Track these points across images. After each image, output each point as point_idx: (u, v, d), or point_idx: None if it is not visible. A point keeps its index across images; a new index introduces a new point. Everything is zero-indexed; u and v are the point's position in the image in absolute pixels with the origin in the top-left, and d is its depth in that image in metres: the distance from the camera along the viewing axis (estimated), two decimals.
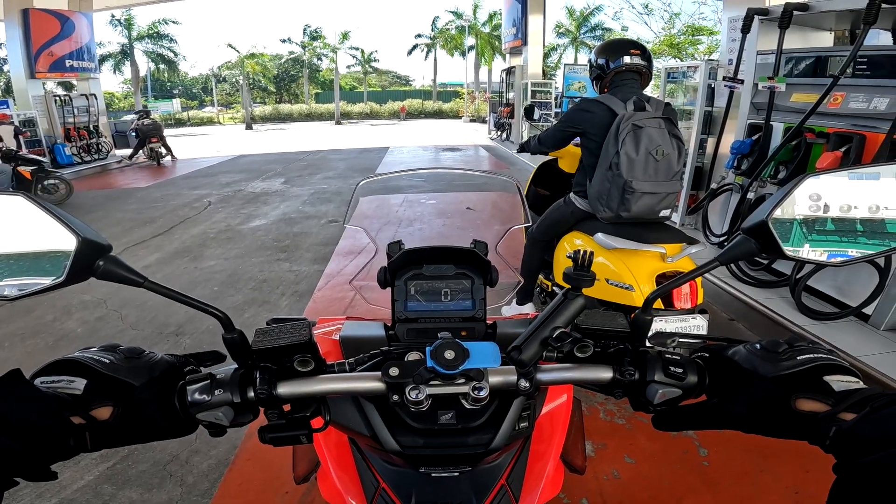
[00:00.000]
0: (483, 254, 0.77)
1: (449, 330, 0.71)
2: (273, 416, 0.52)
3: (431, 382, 0.51)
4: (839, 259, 0.52)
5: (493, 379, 0.53)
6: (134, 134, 12.09)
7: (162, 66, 33.38)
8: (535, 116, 3.35)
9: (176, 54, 32.86)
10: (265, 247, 4.93)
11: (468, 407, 0.54)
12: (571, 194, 2.50)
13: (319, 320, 0.93)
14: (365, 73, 39.38)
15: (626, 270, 2.13)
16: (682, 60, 22.38)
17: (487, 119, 18.51)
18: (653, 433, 2.14)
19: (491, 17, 32.74)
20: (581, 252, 0.56)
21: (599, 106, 2.18)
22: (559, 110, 12.01)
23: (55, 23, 11.30)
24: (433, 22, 36.37)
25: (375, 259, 0.85)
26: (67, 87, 13.88)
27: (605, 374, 0.53)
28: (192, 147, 17.13)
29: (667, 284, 0.56)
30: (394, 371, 0.51)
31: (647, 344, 0.56)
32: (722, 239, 3.79)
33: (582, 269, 0.55)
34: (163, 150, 12.25)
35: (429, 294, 0.76)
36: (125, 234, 5.57)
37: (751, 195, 3.51)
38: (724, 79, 3.94)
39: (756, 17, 3.62)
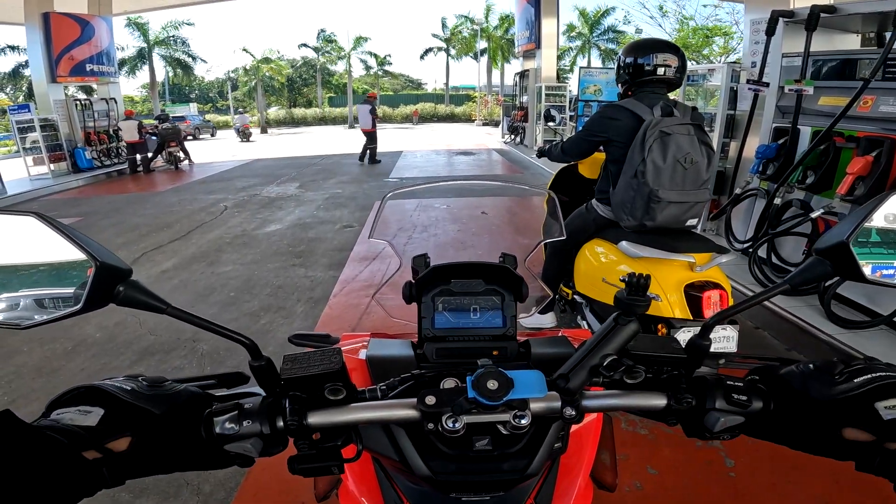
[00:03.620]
0: (513, 268, 0.75)
1: (479, 349, 0.70)
2: (303, 447, 0.50)
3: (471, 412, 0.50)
4: None
5: (536, 406, 0.51)
6: (154, 138, 12.28)
7: (178, 71, 33.86)
8: (555, 121, 3.28)
9: (193, 58, 33.34)
10: (280, 252, 4.94)
11: (505, 433, 0.52)
12: (594, 201, 2.45)
13: (343, 336, 0.92)
14: (377, 76, 39.58)
15: (652, 280, 2.06)
16: (697, 63, 22.27)
17: (501, 123, 18.46)
18: (676, 443, 2.09)
19: (503, 20, 32.72)
20: (636, 275, 0.53)
21: (624, 112, 2.12)
22: (573, 113, 11.89)
23: (75, 27, 11.52)
24: (442, 24, 36.43)
25: (400, 272, 0.83)
26: (87, 91, 14.12)
27: (659, 401, 0.51)
28: (208, 151, 17.36)
29: (730, 309, 0.53)
30: (430, 400, 0.49)
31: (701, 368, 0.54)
32: (746, 245, 3.69)
33: (637, 293, 0.52)
34: (181, 155, 12.41)
35: (457, 311, 0.74)
36: (142, 239, 5.62)
37: (778, 200, 3.42)
38: (747, 82, 3.85)
39: (781, 19, 3.53)
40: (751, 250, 3.51)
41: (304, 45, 37.68)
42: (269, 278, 4.23)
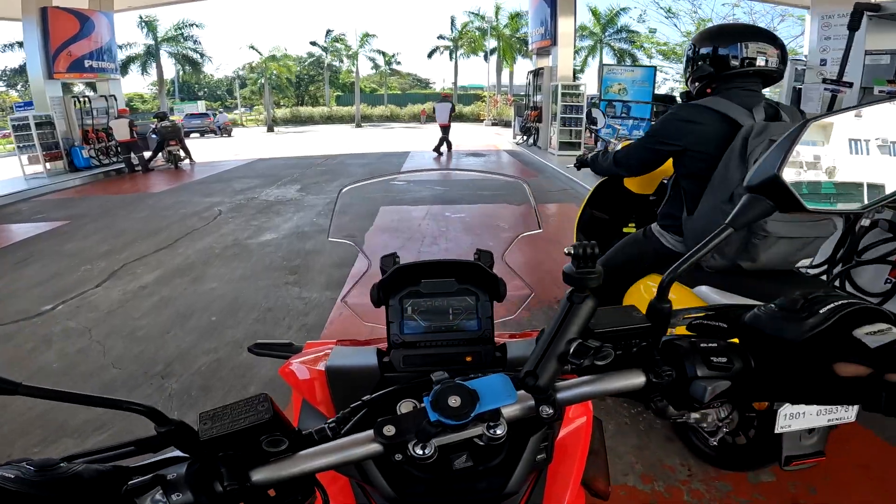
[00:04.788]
0: (488, 266, 0.72)
1: (451, 355, 0.68)
2: None
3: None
4: (862, 204, 0.49)
5: (510, 411, 0.46)
6: (155, 136, 11.91)
7: (187, 68, 33.69)
8: (599, 124, 2.76)
9: (202, 55, 33.10)
10: (273, 266, 4.43)
11: (482, 444, 0.46)
12: (655, 227, 1.93)
13: (307, 344, 0.88)
14: (384, 75, 39.18)
15: None
16: None
17: (512, 123, 17.93)
18: None
19: (512, 17, 32.17)
20: (582, 245, 0.47)
21: (708, 113, 1.59)
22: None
23: (74, 22, 11.13)
24: (451, 22, 35.89)
25: (369, 274, 0.78)
26: (95, 88, 13.78)
27: (637, 379, 0.47)
28: (212, 149, 17.00)
29: (681, 263, 0.48)
30: (389, 430, 0.43)
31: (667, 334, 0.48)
32: (820, 271, 3.13)
33: (586, 265, 0.47)
34: (181, 153, 12.01)
35: (428, 313, 0.70)
36: (127, 248, 5.16)
37: (865, 221, 2.86)
38: (823, 81, 3.30)
39: (865, 13, 3.00)
40: (824, 277, 2.96)
41: (314, 43, 37.36)
42: (257, 299, 3.73)
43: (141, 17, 29.16)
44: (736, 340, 0.48)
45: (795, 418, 1.48)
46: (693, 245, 1.68)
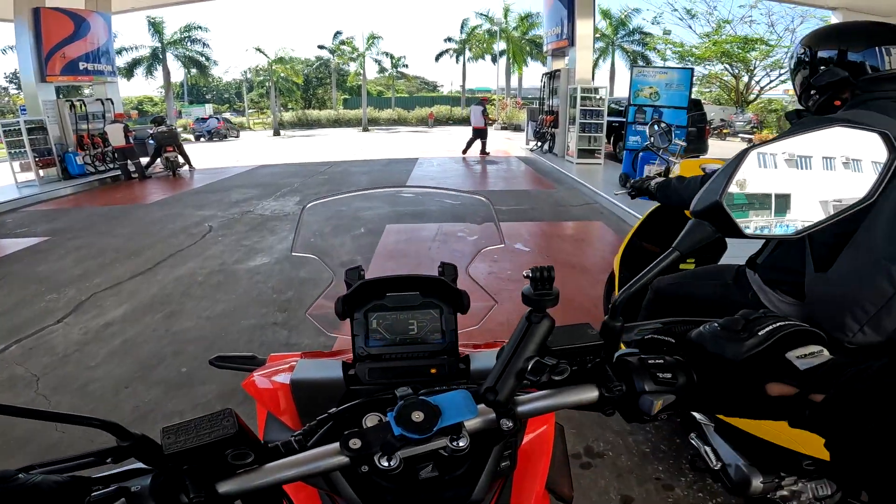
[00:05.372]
0: (452, 279, 0.73)
1: (415, 367, 0.69)
2: None
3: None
4: (802, 228, 0.48)
5: (472, 424, 0.48)
6: (152, 142, 11.43)
7: (194, 71, 33.39)
8: (655, 142, 2.21)
9: (208, 59, 32.76)
10: (261, 300, 3.82)
11: (446, 455, 0.47)
12: (754, 277, 1.43)
13: (270, 357, 0.87)
14: (392, 78, 38.71)
15: None
16: (731, 66, 20.91)
17: (524, 128, 17.30)
18: None
19: (522, 19, 31.58)
20: (539, 269, 0.49)
21: None
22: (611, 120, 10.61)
23: (69, 23, 10.68)
24: (462, 25, 35.34)
25: (334, 288, 0.77)
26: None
27: (591, 393, 0.49)
28: (214, 155, 16.53)
29: (633, 283, 0.49)
30: (355, 443, 0.44)
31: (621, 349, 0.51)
32: None
33: (543, 287, 0.49)
34: (179, 160, 11.51)
35: (393, 327, 0.71)
36: (100, 272, 4.60)
37: None
38: None
39: None
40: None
41: (322, 46, 36.92)
42: (238, 344, 3.15)
43: (148, 19, 28.95)
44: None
45: None
46: (822, 314, 1.05)
